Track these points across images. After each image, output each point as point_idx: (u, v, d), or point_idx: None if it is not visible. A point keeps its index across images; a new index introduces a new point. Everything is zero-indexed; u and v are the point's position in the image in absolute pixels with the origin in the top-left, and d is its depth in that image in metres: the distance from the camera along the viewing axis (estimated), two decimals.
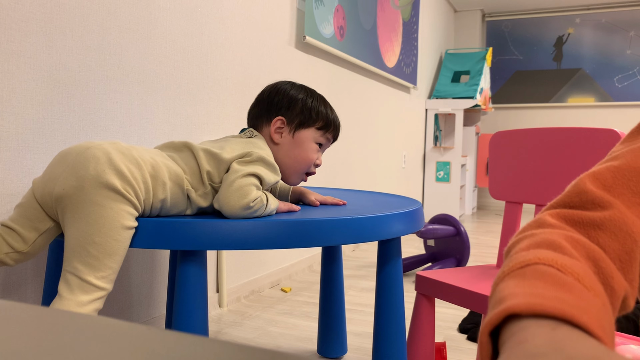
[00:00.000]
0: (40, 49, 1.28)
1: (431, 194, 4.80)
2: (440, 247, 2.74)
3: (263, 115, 1.17)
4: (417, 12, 4.24)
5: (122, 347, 0.27)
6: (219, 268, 1.99)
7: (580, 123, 5.47)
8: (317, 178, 2.78)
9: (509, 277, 0.37)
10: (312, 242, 0.97)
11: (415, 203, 1.25)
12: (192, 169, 1.02)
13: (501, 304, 0.32)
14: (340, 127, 1.23)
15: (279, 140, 1.15)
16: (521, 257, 0.38)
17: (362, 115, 3.38)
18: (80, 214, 0.90)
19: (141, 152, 0.98)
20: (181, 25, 1.75)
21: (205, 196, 1.03)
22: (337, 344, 1.58)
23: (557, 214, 0.45)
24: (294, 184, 1.21)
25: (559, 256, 0.37)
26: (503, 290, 0.34)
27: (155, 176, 0.97)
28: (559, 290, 0.33)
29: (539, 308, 0.30)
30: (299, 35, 2.53)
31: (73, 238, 0.89)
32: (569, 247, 0.39)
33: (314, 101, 1.17)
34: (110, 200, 0.90)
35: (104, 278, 0.89)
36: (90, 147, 0.93)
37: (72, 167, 0.91)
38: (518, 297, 0.32)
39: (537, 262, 0.36)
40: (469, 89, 4.81)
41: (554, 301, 0.30)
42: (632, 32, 5.33)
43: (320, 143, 1.19)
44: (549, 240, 0.40)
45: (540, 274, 0.35)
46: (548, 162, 1.25)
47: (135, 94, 1.57)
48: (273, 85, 1.20)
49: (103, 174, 0.90)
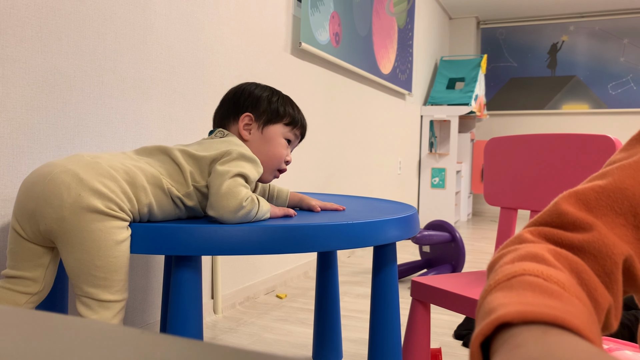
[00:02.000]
0: (35, 53, 1.28)
1: (426, 201, 4.81)
2: (436, 253, 2.74)
3: (230, 114, 1.16)
4: (412, 19, 4.26)
5: (117, 350, 0.26)
6: (214, 274, 1.99)
7: (575, 130, 5.50)
8: (313, 183, 2.78)
9: (496, 289, 0.37)
10: (307, 248, 0.96)
11: (411, 209, 1.25)
12: (169, 170, 1.00)
13: (491, 314, 0.32)
14: (306, 125, 1.23)
15: (248, 137, 1.14)
16: (507, 269, 0.38)
17: (358, 122, 3.38)
18: (72, 244, 0.88)
19: (110, 161, 0.94)
20: (177, 30, 1.75)
21: (188, 196, 1.01)
22: (332, 351, 1.58)
23: (537, 232, 0.45)
24: (267, 181, 1.20)
25: (543, 267, 0.37)
26: (492, 302, 0.34)
27: (132, 182, 0.94)
28: (548, 298, 0.33)
29: (530, 315, 0.30)
30: (294, 42, 2.54)
31: (75, 267, 0.89)
32: (552, 260, 0.40)
33: (279, 99, 1.18)
34: (96, 223, 0.88)
35: (118, 291, 0.90)
36: (55, 173, 0.89)
37: (44, 199, 0.88)
38: (508, 306, 0.32)
39: (523, 273, 0.36)
40: (464, 95, 4.83)
41: (544, 308, 0.31)
42: (626, 40, 5.37)
43: (288, 139, 1.18)
44: (532, 253, 0.40)
45: (527, 284, 0.35)
46: (543, 168, 1.25)
47: (130, 100, 1.57)
48: (237, 87, 1.20)
49: (80, 198, 0.87)
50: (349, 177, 3.27)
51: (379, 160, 3.79)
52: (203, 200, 1.03)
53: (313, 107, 2.76)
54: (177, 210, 1.02)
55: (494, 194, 1.35)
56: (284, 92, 1.22)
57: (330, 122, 2.98)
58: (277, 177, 1.22)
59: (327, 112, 2.94)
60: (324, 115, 2.89)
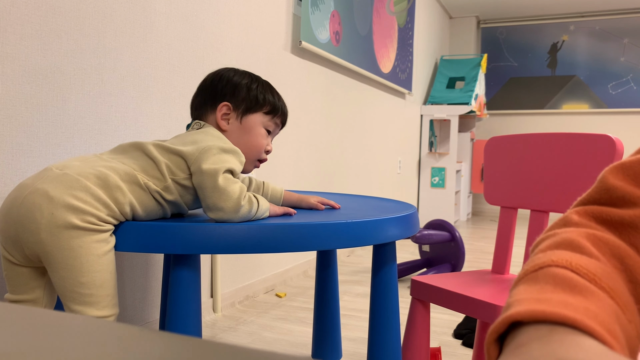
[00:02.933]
0: (35, 51, 1.27)
1: (426, 200, 4.81)
2: (436, 253, 2.74)
3: (207, 103, 1.12)
4: (412, 18, 4.25)
5: (116, 348, 0.26)
6: (213, 273, 1.98)
7: (575, 129, 5.50)
8: (313, 182, 2.78)
9: (522, 281, 0.36)
10: (307, 247, 0.96)
11: (411, 207, 1.25)
12: (144, 165, 0.97)
13: (508, 309, 0.32)
14: (287, 112, 1.19)
15: (226, 127, 1.10)
16: (537, 259, 0.37)
17: (358, 121, 3.38)
18: (54, 263, 0.87)
19: (79, 168, 0.91)
20: (177, 29, 1.75)
21: (167, 190, 0.98)
22: (331, 350, 1.58)
23: (584, 212, 0.43)
24: (247, 171, 1.16)
25: (575, 256, 0.36)
26: (513, 296, 0.34)
27: (105, 185, 0.91)
28: (568, 294, 0.32)
29: (540, 315, 0.29)
30: (294, 40, 2.53)
31: (60, 286, 0.88)
32: (590, 246, 0.37)
33: (259, 86, 1.13)
34: (75, 240, 0.86)
35: (105, 307, 0.89)
36: (25, 196, 0.88)
37: (21, 224, 0.88)
38: (523, 303, 0.31)
39: (551, 264, 0.35)
40: (464, 95, 4.83)
41: (557, 306, 0.30)
42: (626, 40, 5.37)
43: (268, 129, 1.15)
44: (568, 240, 0.38)
45: (551, 277, 0.34)
46: (543, 167, 1.25)
47: (130, 98, 1.56)
48: (215, 73, 1.16)
49: (53, 217, 0.86)
50: (348, 176, 3.27)
51: (378, 159, 3.79)
52: (185, 194, 1.00)
53: (313, 106, 2.76)
54: (160, 207, 0.99)
55: (494, 193, 1.35)
56: (284, 91, 1.21)
57: (330, 121, 2.98)
58: (258, 167, 1.18)
59: (327, 111, 2.94)
60: (323, 114, 2.89)
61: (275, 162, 2.37)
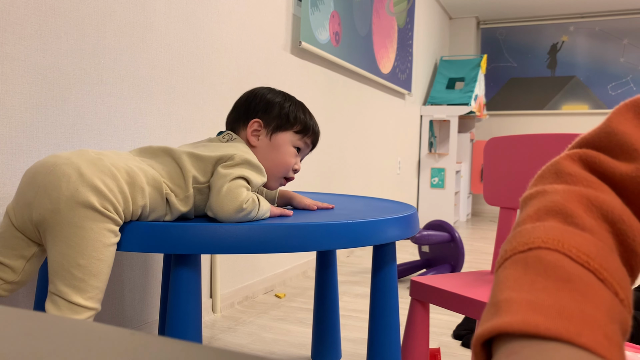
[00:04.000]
0: (34, 52, 1.27)
1: (426, 200, 4.81)
2: (435, 253, 2.74)
3: (240, 118, 1.15)
4: (412, 19, 4.26)
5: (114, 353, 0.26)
6: (212, 273, 1.98)
7: (574, 130, 5.50)
8: (313, 183, 2.77)
9: (511, 263, 0.33)
10: (306, 247, 0.96)
11: (410, 208, 1.25)
12: (171, 173, 0.99)
13: (497, 311, 0.30)
14: (319, 133, 1.21)
15: (255, 143, 1.13)
16: (526, 234, 0.34)
17: (357, 121, 3.38)
18: (60, 237, 0.87)
19: (113, 159, 0.94)
20: (177, 29, 1.75)
21: (185, 200, 1.00)
22: (331, 350, 1.57)
23: (578, 157, 0.39)
24: (272, 188, 1.19)
25: (567, 233, 0.33)
26: (502, 287, 0.32)
27: (132, 183, 0.93)
28: (562, 292, 0.30)
29: (533, 329, 0.28)
30: (294, 41, 2.53)
31: (56, 261, 0.87)
32: (581, 214, 0.35)
33: (291, 105, 1.16)
34: (89, 221, 0.87)
35: (91, 299, 0.88)
36: (57, 164, 0.89)
37: (44, 189, 0.88)
38: (514, 307, 0.29)
39: (541, 245, 0.33)
40: (464, 95, 4.83)
41: (551, 317, 0.28)
42: (626, 40, 5.37)
43: (298, 147, 1.17)
44: (559, 206, 0.35)
45: (542, 267, 0.32)
46: None
47: (130, 98, 1.56)
48: (251, 90, 1.19)
49: (77, 193, 0.87)
50: (348, 177, 3.26)
51: (378, 159, 3.79)
52: (201, 200, 1.02)
53: (313, 106, 2.76)
54: (169, 214, 1.01)
55: (494, 194, 1.35)
56: (284, 92, 1.21)
57: (329, 121, 2.98)
58: (284, 185, 1.21)
59: (327, 111, 2.94)
60: (323, 114, 2.89)
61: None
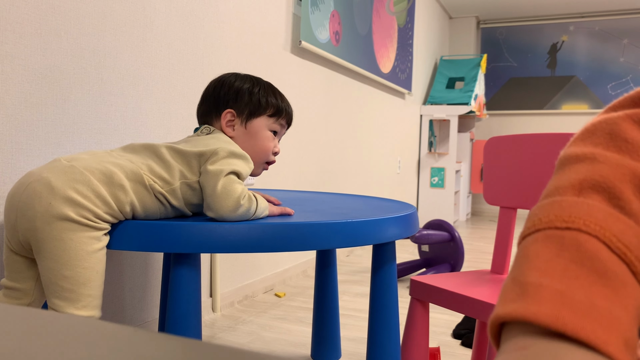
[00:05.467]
0: (35, 50, 1.27)
1: (426, 200, 4.81)
2: (435, 253, 2.74)
3: (211, 111, 1.13)
4: (412, 18, 4.25)
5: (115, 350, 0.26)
6: (212, 272, 1.98)
7: (574, 130, 5.46)
8: (313, 182, 2.78)
9: (544, 237, 0.32)
10: (306, 246, 0.96)
11: (410, 207, 1.25)
12: (152, 166, 0.97)
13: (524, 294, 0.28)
14: (292, 112, 1.20)
15: (232, 134, 1.11)
16: (567, 208, 0.32)
17: (358, 121, 3.38)
18: (44, 253, 0.88)
19: (87, 162, 0.92)
20: (177, 28, 1.75)
21: (173, 193, 0.98)
22: (331, 349, 1.58)
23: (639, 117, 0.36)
24: (256, 174, 1.17)
25: (610, 219, 0.31)
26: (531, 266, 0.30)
27: (109, 182, 0.91)
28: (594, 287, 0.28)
29: (561, 327, 0.26)
30: (294, 40, 2.53)
31: (45, 277, 0.88)
32: (629, 195, 0.32)
33: (260, 89, 1.14)
34: (68, 232, 0.87)
35: (85, 307, 0.88)
36: (29, 183, 0.89)
37: (20, 211, 0.89)
38: (543, 297, 0.28)
39: (582, 228, 0.31)
40: (464, 95, 4.83)
41: (580, 316, 0.27)
42: (626, 40, 5.37)
43: (274, 130, 1.16)
44: (607, 183, 0.33)
45: (579, 255, 0.30)
46: (542, 168, 1.25)
47: (130, 97, 1.56)
48: (217, 79, 1.17)
49: (50, 207, 0.86)
50: (348, 176, 3.27)
51: (378, 159, 3.79)
52: (192, 197, 1.00)
53: (313, 106, 2.76)
54: (162, 207, 0.99)
55: (493, 193, 1.35)
56: (284, 91, 1.21)
57: (329, 121, 2.98)
58: (267, 169, 1.20)
59: (327, 111, 2.94)
60: (323, 114, 2.89)
61: (274, 163, 2.37)
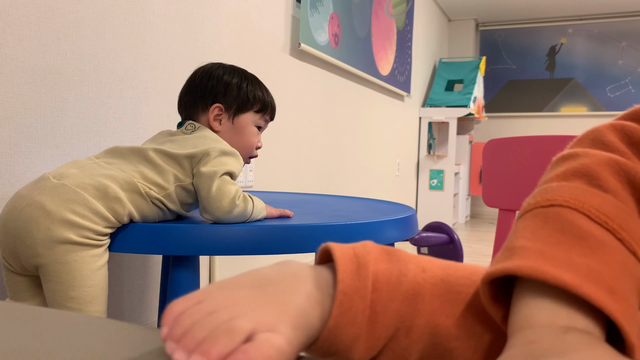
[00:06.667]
0: (33, 53, 1.27)
1: (425, 202, 4.81)
2: (434, 255, 2.74)
3: (198, 103, 1.11)
4: (411, 21, 4.26)
5: (116, 345, 0.26)
6: (211, 275, 1.98)
7: (573, 132, 5.46)
8: (311, 185, 2.78)
9: (531, 215, 0.35)
10: (305, 249, 0.96)
11: (409, 209, 1.25)
12: (145, 172, 0.95)
13: (510, 255, 0.31)
14: (275, 106, 1.19)
15: (218, 128, 1.10)
16: (551, 191, 0.35)
17: (356, 123, 3.38)
18: (48, 276, 0.87)
19: (77, 177, 0.90)
20: (176, 31, 1.75)
21: (168, 197, 0.96)
22: None
23: (621, 128, 0.39)
24: None
25: (589, 194, 0.34)
26: (519, 236, 0.33)
27: (104, 197, 0.89)
28: (574, 247, 0.31)
29: (540, 276, 0.29)
30: (293, 43, 2.53)
31: (50, 299, 0.88)
32: (607, 176, 0.35)
33: (249, 84, 1.13)
34: (70, 254, 0.86)
35: None
36: (22, 208, 0.87)
37: (19, 238, 0.87)
38: (527, 254, 0.30)
39: (563, 203, 0.33)
40: (463, 97, 4.84)
41: (560, 267, 0.29)
42: (624, 43, 5.38)
43: (259, 126, 1.15)
44: (587, 169, 0.36)
45: (560, 223, 0.32)
46: (541, 170, 1.25)
47: (129, 99, 1.56)
48: (203, 70, 1.14)
49: (50, 232, 0.85)
50: (347, 179, 3.27)
51: (377, 161, 3.79)
52: (188, 197, 0.99)
53: (312, 108, 2.76)
54: (160, 212, 0.98)
55: (492, 195, 1.35)
56: (283, 93, 1.21)
57: (328, 123, 2.98)
58: (249, 163, 1.19)
59: (326, 113, 2.94)
60: (322, 116, 2.89)
61: (273, 164, 2.37)
